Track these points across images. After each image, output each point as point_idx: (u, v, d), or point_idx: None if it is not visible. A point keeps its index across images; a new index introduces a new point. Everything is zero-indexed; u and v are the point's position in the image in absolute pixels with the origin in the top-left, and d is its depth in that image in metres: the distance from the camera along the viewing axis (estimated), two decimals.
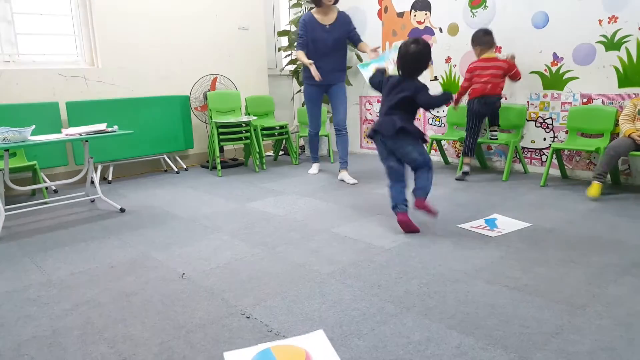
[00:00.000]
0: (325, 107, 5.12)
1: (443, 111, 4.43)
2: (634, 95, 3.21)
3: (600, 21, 3.32)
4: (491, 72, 3.58)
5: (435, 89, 4.46)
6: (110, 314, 1.73)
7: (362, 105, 5.22)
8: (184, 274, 2.08)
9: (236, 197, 3.47)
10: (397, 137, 2.53)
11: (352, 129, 5.37)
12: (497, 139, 3.76)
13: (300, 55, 3.71)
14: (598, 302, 1.70)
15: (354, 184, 3.76)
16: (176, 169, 4.55)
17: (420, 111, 4.45)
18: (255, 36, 5.28)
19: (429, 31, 4.42)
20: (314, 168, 4.29)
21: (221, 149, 4.75)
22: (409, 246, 2.33)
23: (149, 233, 2.67)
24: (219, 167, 4.31)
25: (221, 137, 4.36)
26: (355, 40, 3.80)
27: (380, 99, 2.84)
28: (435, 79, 4.46)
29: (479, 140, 3.80)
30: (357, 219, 2.81)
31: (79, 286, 1.99)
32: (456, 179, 3.74)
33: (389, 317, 1.64)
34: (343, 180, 3.86)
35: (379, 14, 4.84)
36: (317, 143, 4.30)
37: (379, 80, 2.78)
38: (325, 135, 4.94)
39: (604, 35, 3.31)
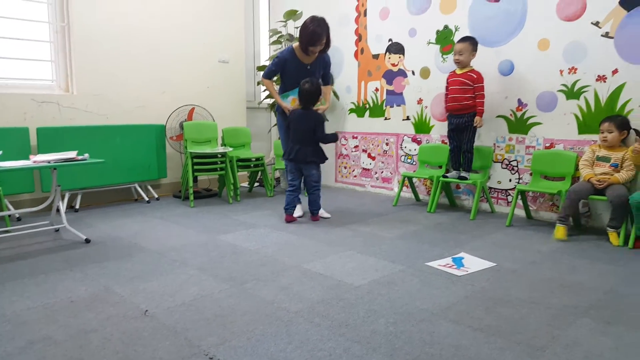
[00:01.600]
0: None
1: (414, 150, 4.55)
2: (592, 142, 3.38)
3: (561, 71, 3.52)
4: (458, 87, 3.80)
5: (407, 129, 4.61)
6: (67, 353, 1.67)
7: (338, 140, 5.30)
8: (146, 310, 2.03)
9: (207, 229, 3.45)
10: (307, 163, 3.60)
11: (328, 163, 5.43)
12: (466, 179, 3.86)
13: (269, 85, 3.76)
14: (557, 344, 1.75)
15: (327, 218, 3.80)
16: (147, 199, 4.50)
17: (394, 147, 4.58)
18: (235, 69, 5.38)
19: (402, 73, 4.60)
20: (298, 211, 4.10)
21: (195, 179, 4.74)
22: (378, 284, 2.35)
23: (113, 266, 2.61)
24: (191, 197, 4.29)
25: (196, 167, 4.36)
26: (324, 80, 3.79)
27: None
28: (408, 118, 4.60)
29: (447, 179, 3.95)
30: (329, 255, 2.83)
31: (34, 322, 1.92)
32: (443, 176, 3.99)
33: (355, 358, 1.65)
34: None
35: (356, 55, 5.01)
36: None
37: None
38: None
39: (564, 85, 3.52)
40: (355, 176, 5.20)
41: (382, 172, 4.92)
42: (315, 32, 3.43)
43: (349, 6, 4.99)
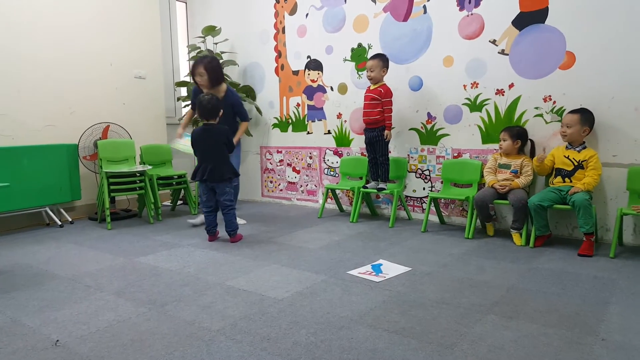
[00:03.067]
0: None
1: (337, 162, 4.69)
2: (495, 150, 3.70)
3: (464, 86, 3.83)
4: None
5: (329, 143, 4.74)
6: None
7: (263, 155, 5.34)
8: (57, 340, 1.93)
9: (125, 251, 3.31)
10: (217, 182, 3.42)
11: (254, 179, 5.45)
12: (383, 189, 4.03)
13: (187, 115, 4.14)
14: (464, 341, 1.89)
15: (243, 224, 4.10)
16: (60, 223, 4.23)
17: (317, 161, 4.67)
18: (152, 85, 5.23)
19: (322, 89, 4.74)
20: (198, 219, 4.13)
21: (112, 200, 4.53)
22: (301, 295, 2.40)
23: (22, 296, 2.44)
24: (108, 219, 4.09)
25: (112, 187, 4.18)
26: (239, 117, 3.99)
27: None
28: (329, 132, 4.74)
29: (367, 190, 4.12)
30: (253, 270, 2.83)
31: None
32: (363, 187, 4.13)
33: None
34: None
35: (276, 71, 5.09)
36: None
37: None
38: None
39: (468, 98, 3.82)
40: (281, 190, 5.24)
41: (307, 185, 5.01)
42: (195, 62, 3.80)
43: (267, 23, 5.07)
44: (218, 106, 3.43)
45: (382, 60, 3.91)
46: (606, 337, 1.88)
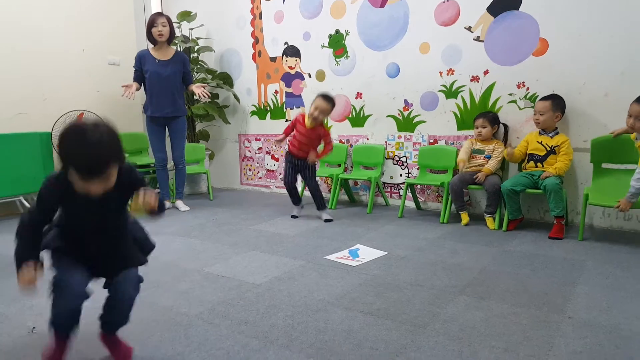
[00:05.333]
0: (203, 144, 5.13)
1: None
2: (470, 137, 3.75)
3: (440, 73, 3.87)
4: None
5: None
6: None
7: (242, 143, 5.32)
8: (34, 327, 1.91)
9: None
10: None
11: (232, 166, 5.43)
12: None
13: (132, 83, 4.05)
14: (437, 321, 1.94)
15: (186, 210, 4.19)
16: None
17: None
18: (127, 72, 5.12)
19: (300, 76, 4.72)
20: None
21: None
22: (279, 280, 2.42)
23: None
24: None
25: None
26: (186, 81, 4.15)
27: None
28: None
29: (345, 176, 4.16)
30: (232, 256, 2.84)
31: None
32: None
33: (253, 352, 1.70)
34: (177, 208, 4.24)
35: (254, 58, 5.04)
36: (166, 177, 4.32)
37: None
38: (204, 172, 4.91)
39: (444, 85, 3.86)
40: (260, 178, 5.23)
41: None
42: (155, 14, 3.96)
43: (244, 8, 5.00)
44: (110, 154, 1.39)
45: (334, 106, 3.69)
46: (573, 315, 1.96)
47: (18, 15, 4.22)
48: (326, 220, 3.70)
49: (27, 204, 4.16)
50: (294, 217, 3.88)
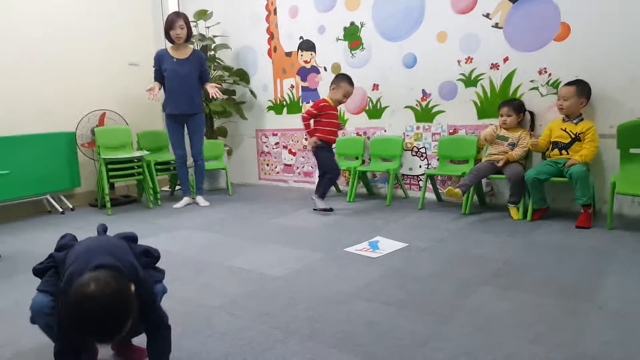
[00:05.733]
0: (222, 140, 5.16)
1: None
2: (491, 124, 3.66)
3: (459, 61, 3.79)
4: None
5: None
6: None
7: (259, 138, 5.33)
8: None
9: None
10: None
11: (250, 162, 5.45)
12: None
13: (154, 85, 4.09)
14: (461, 312, 1.90)
15: (206, 206, 4.22)
16: (61, 210, 4.24)
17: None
18: (147, 71, 5.18)
19: (315, 70, 4.70)
20: (182, 202, 4.31)
21: (112, 186, 4.53)
22: (299, 273, 2.42)
23: (23, 280, 2.45)
24: (108, 205, 4.10)
25: (111, 173, 4.18)
26: (202, 80, 4.18)
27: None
28: None
29: (363, 168, 4.13)
30: (252, 250, 2.85)
31: None
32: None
33: (275, 342, 1.70)
34: (197, 203, 4.29)
35: (269, 53, 5.04)
36: (186, 173, 4.36)
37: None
38: (223, 168, 4.94)
39: (462, 74, 3.79)
40: (277, 172, 5.24)
41: (303, 167, 5.01)
42: (174, 15, 4.03)
43: (258, 5, 5.00)
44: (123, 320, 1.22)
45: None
46: (603, 306, 1.89)
47: (43, 20, 4.31)
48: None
49: (53, 202, 4.25)
50: (331, 210, 3.75)
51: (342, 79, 3.74)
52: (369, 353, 1.61)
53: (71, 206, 4.40)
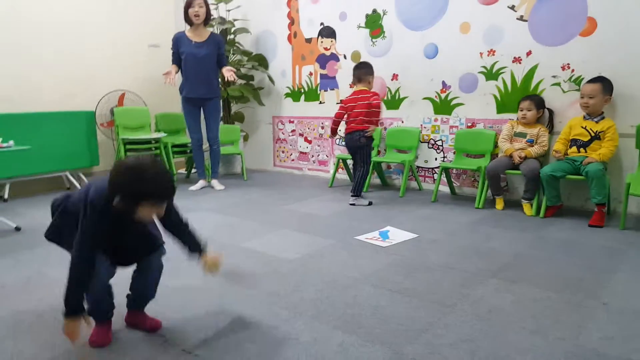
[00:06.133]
0: (238, 126, 5.21)
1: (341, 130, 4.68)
2: (509, 120, 3.64)
3: (481, 54, 3.75)
4: (360, 105, 3.63)
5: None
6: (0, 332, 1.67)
7: (275, 125, 5.36)
8: None
9: None
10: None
11: (266, 148, 5.50)
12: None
13: (171, 68, 4.07)
14: (466, 301, 1.93)
15: (221, 189, 4.24)
16: (79, 187, 4.36)
17: (329, 131, 4.65)
18: (167, 54, 5.24)
19: (335, 57, 4.70)
20: (198, 184, 4.35)
21: None
22: (311, 257, 2.46)
23: (44, 252, 2.55)
24: None
25: (129, 153, 4.28)
26: (220, 63, 4.16)
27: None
28: (341, 102, 4.71)
29: (378, 159, 4.12)
30: (266, 234, 2.90)
31: None
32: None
33: (282, 322, 1.75)
34: (213, 187, 4.31)
35: (289, 39, 5.05)
36: (202, 157, 4.41)
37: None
38: (238, 154, 5.00)
39: (484, 67, 3.75)
40: (293, 160, 5.28)
41: (318, 155, 5.03)
42: None
43: None
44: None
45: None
46: (608, 302, 1.90)
47: (61, 2, 4.39)
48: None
49: (72, 179, 4.36)
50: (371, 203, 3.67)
51: (370, 74, 3.70)
52: (371, 335, 1.65)
53: None
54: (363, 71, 3.71)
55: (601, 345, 1.57)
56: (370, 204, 3.66)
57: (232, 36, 5.12)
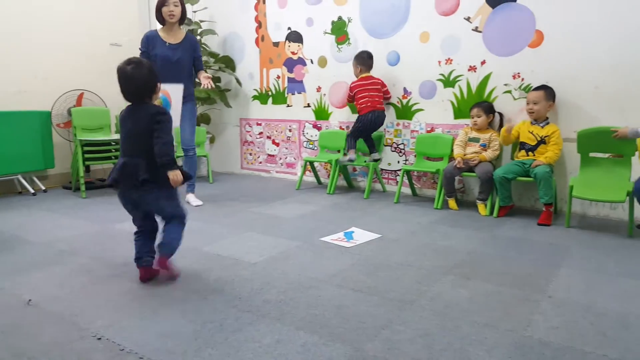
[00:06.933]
0: (204, 127, 5.19)
1: (315, 135, 4.77)
2: (465, 125, 3.81)
3: (439, 62, 3.91)
4: (373, 88, 4.03)
5: (308, 116, 4.80)
6: None
7: (243, 127, 5.38)
8: (30, 300, 1.99)
9: (101, 219, 3.36)
10: (142, 189, 2.10)
11: (233, 151, 5.50)
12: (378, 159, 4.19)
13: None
14: (423, 298, 2.03)
15: (198, 205, 3.78)
16: (33, 191, 4.21)
17: (296, 134, 4.72)
18: (130, 53, 5.14)
19: (302, 62, 4.77)
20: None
21: (88, 169, 4.53)
22: (274, 260, 2.51)
23: None
24: (82, 187, 4.10)
25: (87, 156, 4.18)
26: (197, 66, 3.82)
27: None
28: (308, 105, 4.80)
29: (345, 163, 4.23)
30: (229, 237, 2.92)
31: None
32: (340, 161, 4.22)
33: (245, 325, 1.79)
34: (189, 202, 3.82)
35: (257, 42, 5.08)
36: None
37: None
38: (204, 156, 4.98)
39: (442, 74, 3.91)
40: (260, 162, 5.31)
41: (286, 158, 5.08)
42: None
43: None
44: (153, 78, 2.21)
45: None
46: (553, 295, 2.04)
47: None
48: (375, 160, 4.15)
49: (25, 183, 4.22)
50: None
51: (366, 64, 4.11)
52: (334, 334, 1.71)
53: (44, 188, 4.38)
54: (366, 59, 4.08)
55: (547, 335, 1.69)
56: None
57: (198, 37, 5.10)
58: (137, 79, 2.16)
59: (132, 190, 2.13)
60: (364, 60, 4.07)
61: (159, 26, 3.80)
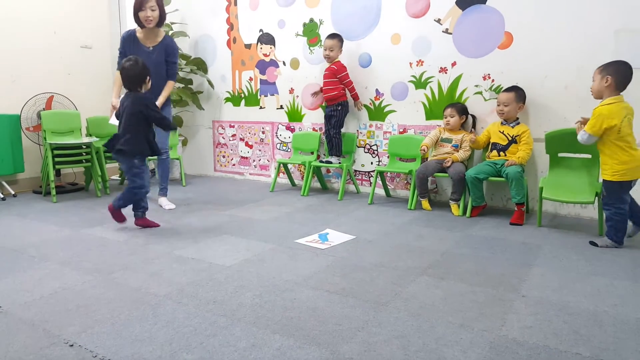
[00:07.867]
0: (177, 130, 5.10)
1: (289, 137, 4.75)
2: (437, 126, 3.86)
3: (410, 64, 3.95)
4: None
5: (282, 118, 4.78)
6: None
7: (215, 129, 5.32)
8: (0, 307, 1.93)
9: (72, 223, 3.27)
10: (117, 156, 3.04)
11: (206, 153, 5.43)
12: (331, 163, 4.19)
13: (117, 78, 3.39)
14: (398, 299, 2.04)
15: (171, 209, 3.72)
16: (2, 196, 4.08)
17: (270, 136, 4.70)
18: (100, 55, 5.06)
19: (274, 63, 4.75)
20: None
21: (58, 173, 4.40)
22: (249, 262, 2.48)
23: None
24: (53, 192, 3.99)
25: (57, 159, 4.06)
26: (167, 72, 3.62)
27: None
28: (281, 107, 4.78)
29: (318, 164, 4.25)
30: (202, 240, 2.88)
31: None
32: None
33: (220, 329, 1.76)
34: (161, 206, 3.76)
35: (229, 44, 5.03)
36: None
37: None
38: (177, 159, 4.90)
39: (414, 76, 3.96)
40: (234, 165, 5.25)
41: (259, 160, 5.05)
42: None
43: None
44: (144, 72, 2.99)
45: (340, 40, 4.06)
46: (526, 294, 2.08)
47: None
48: (327, 162, 4.18)
49: None
50: None
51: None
52: (309, 337, 1.70)
53: (13, 192, 4.25)
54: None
55: (521, 335, 1.72)
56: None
57: None
58: (131, 73, 2.95)
59: (114, 155, 3.06)
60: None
61: (135, 25, 3.64)
